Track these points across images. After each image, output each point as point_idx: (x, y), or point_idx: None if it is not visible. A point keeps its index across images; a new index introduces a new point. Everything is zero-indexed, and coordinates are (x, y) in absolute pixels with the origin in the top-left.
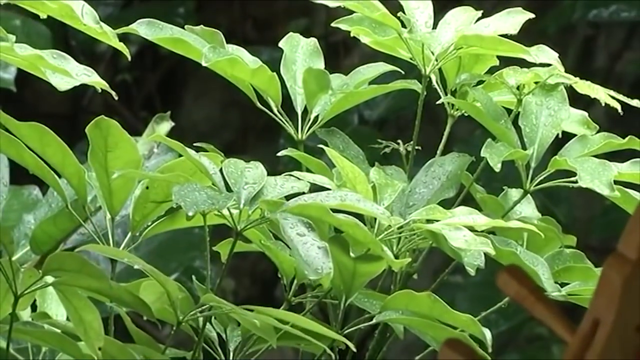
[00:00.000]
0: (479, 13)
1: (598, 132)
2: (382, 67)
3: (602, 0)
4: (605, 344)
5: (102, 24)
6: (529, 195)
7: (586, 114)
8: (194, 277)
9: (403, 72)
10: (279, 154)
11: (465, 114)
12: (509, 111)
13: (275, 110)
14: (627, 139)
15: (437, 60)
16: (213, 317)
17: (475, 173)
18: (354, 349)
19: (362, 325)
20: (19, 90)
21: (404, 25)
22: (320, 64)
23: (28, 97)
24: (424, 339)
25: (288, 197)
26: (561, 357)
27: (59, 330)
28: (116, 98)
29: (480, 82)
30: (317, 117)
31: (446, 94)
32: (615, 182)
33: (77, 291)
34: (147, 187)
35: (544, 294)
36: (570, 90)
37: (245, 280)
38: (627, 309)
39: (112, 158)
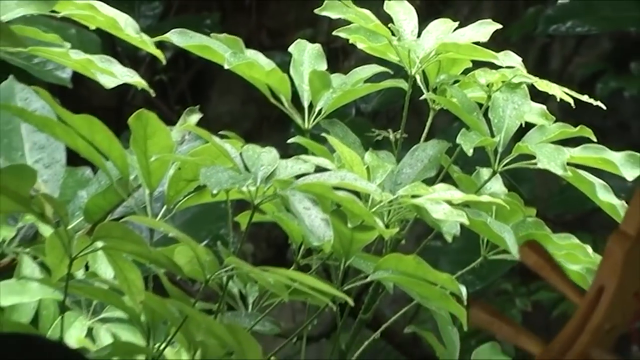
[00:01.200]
0: (456, 24)
1: (554, 122)
2: (375, 69)
3: (560, 17)
4: (608, 307)
5: (141, 33)
6: (497, 174)
7: (544, 107)
8: (219, 243)
9: (392, 73)
10: (289, 141)
11: (444, 108)
12: (480, 105)
13: (286, 104)
14: (578, 128)
15: (420, 63)
16: (235, 276)
17: (452, 156)
18: (352, 303)
19: (359, 282)
20: (74, 87)
21: (393, 34)
22: (324, 66)
23: (82, 93)
24: (410, 294)
25: (297, 177)
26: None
27: (106, 287)
28: (154, 95)
29: (456, 82)
30: (320, 110)
31: (428, 91)
32: (568, 164)
33: (122, 254)
34: (179, 168)
35: (557, 265)
36: (531, 88)
37: (262, 245)
38: (627, 277)
39: (151, 144)
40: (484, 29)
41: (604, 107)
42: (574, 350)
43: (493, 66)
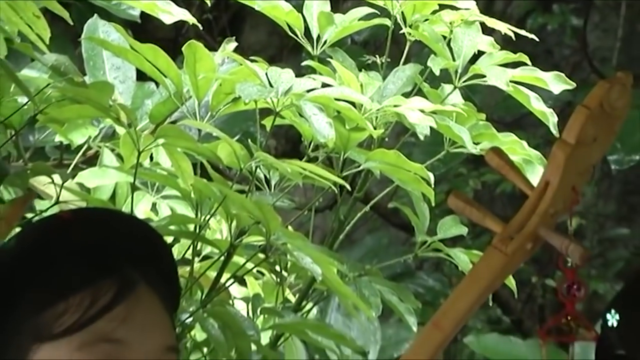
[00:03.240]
0: None
1: (499, 50)
2: (366, 10)
3: None
4: (553, 197)
5: None
6: (457, 89)
7: (492, 38)
8: (249, 140)
9: (379, 13)
10: (302, 63)
11: (418, 39)
12: (444, 37)
13: (300, 36)
14: (517, 54)
15: (400, 6)
16: (261, 165)
17: (423, 76)
18: (349, 187)
19: (354, 170)
20: (142, 23)
21: None
22: (327, 8)
23: (148, 27)
24: (392, 178)
25: (308, 91)
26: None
27: (165, 173)
28: (202, 29)
29: (426, 20)
30: (325, 40)
31: (406, 27)
32: (510, 81)
33: (177, 149)
34: (220, 84)
35: (515, 165)
36: (482, 24)
37: (281, 140)
38: (566, 175)
39: (199, 66)
40: None
41: (535, 38)
42: (526, 228)
43: (454, 8)
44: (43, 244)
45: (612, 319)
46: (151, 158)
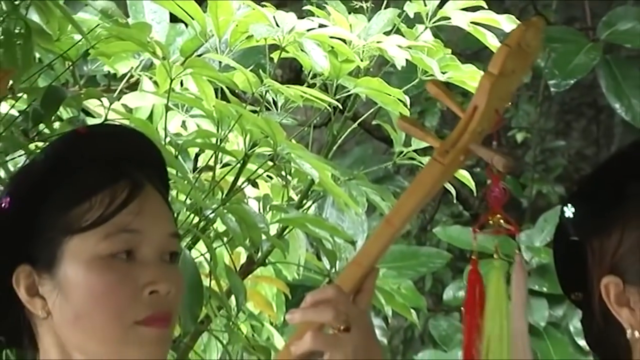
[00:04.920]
0: None
1: None
2: None
3: None
4: (480, 118)
5: None
6: (428, 29)
7: None
8: (260, 70)
9: None
10: (303, 8)
11: None
12: None
13: None
14: (476, 0)
15: None
16: (270, 90)
17: (401, 17)
18: (341, 108)
19: (344, 94)
20: None
21: None
22: None
23: None
24: (376, 100)
25: (307, 30)
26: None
27: (193, 96)
28: None
29: None
30: None
31: None
32: (471, 22)
33: (202, 77)
34: (237, 25)
35: (450, 93)
36: None
37: (286, 70)
38: (491, 100)
39: (220, 11)
40: None
41: None
42: (460, 144)
43: None
44: (67, 154)
45: (569, 211)
46: (181, 84)
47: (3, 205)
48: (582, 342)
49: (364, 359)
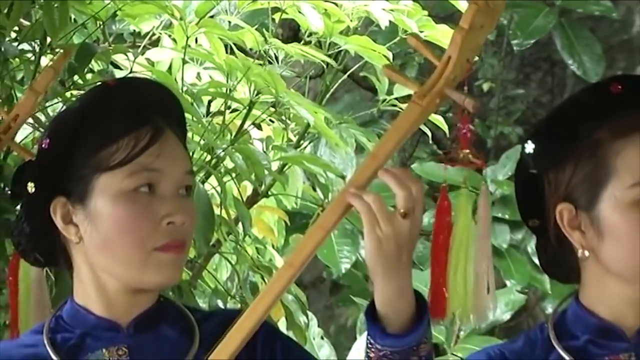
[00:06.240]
0: None
1: None
2: None
3: None
4: (453, 67)
5: None
6: None
7: None
8: (264, 29)
9: None
10: None
11: None
12: None
13: None
14: None
15: None
16: (272, 46)
17: None
18: (333, 62)
19: (336, 50)
20: None
21: None
22: None
23: None
24: (362, 55)
25: None
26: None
27: (206, 51)
28: None
29: None
30: None
31: None
32: None
33: (214, 35)
34: None
35: (427, 46)
36: None
37: (286, 29)
38: (463, 51)
39: None
40: None
41: None
42: (436, 88)
43: None
44: (98, 103)
45: (529, 147)
46: (196, 41)
47: (43, 145)
48: (538, 262)
49: (405, 249)
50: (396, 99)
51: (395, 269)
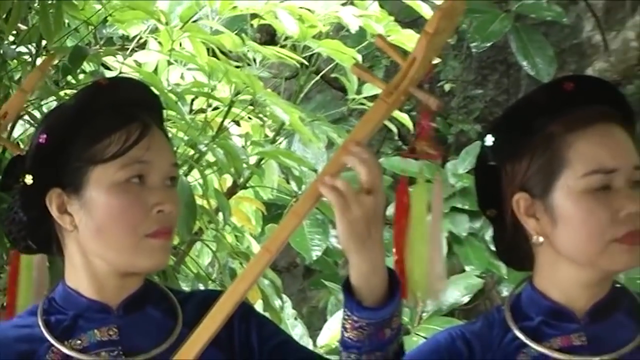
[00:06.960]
0: None
1: None
2: None
3: None
4: (418, 67)
5: None
6: (375, 1)
7: None
8: (243, 34)
9: None
10: None
11: None
12: None
13: None
14: None
15: None
16: (251, 49)
17: None
18: (307, 64)
19: (309, 53)
20: None
21: None
22: None
23: None
24: (334, 57)
25: (281, 1)
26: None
27: (189, 54)
28: None
29: None
30: None
31: None
32: None
33: (197, 39)
34: None
35: (394, 47)
36: None
37: (264, 33)
38: (427, 54)
39: None
40: None
41: None
42: (401, 87)
43: None
44: (91, 101)
45: (489, 140)
46: (180, 44)
47: (40, 140)
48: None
49: (373, 225)
50: (365, 98)
51: (366, 244)
